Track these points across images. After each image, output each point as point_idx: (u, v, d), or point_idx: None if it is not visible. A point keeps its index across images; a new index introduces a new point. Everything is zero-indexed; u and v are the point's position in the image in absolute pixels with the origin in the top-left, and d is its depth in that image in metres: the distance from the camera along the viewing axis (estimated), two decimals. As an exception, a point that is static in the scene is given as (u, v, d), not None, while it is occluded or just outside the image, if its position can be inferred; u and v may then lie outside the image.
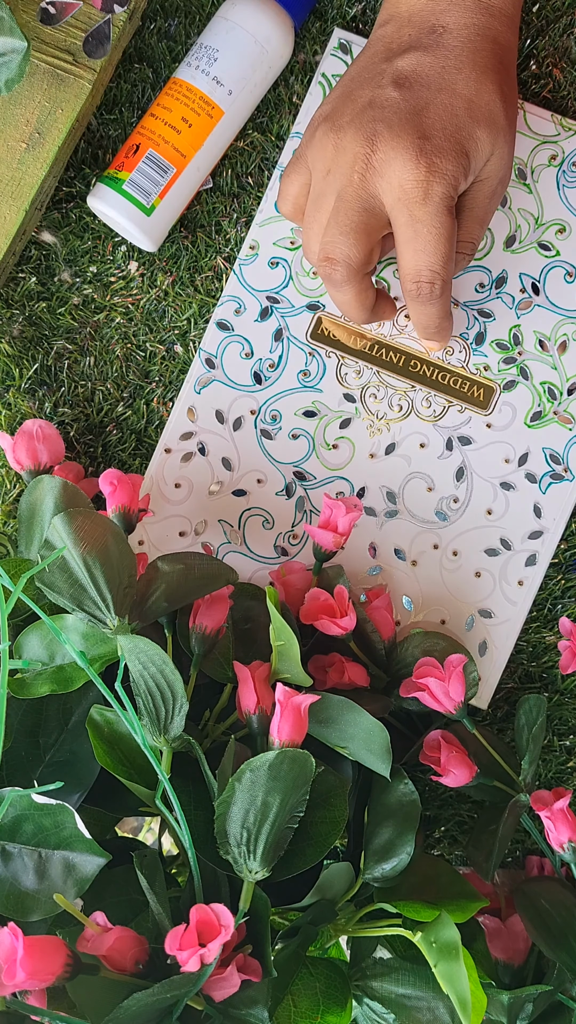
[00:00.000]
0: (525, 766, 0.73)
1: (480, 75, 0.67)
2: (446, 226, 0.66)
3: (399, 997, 0.69)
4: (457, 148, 0.66)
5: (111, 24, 0.73)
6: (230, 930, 0.59)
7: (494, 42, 0.68)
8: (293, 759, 0.62)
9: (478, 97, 0.67)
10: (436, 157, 0.65)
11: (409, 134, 0.65)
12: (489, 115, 0.67)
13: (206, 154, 0.76)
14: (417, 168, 0.65)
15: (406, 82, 0.67)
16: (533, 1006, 0.69)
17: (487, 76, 0.67)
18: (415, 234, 0.67)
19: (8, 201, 0.73)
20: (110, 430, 0.80)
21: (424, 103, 0.66)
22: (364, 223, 0.67)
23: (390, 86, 0.67)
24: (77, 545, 0.64)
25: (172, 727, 0.64)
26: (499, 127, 0.67)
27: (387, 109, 0.66)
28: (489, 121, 0.67)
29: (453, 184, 0.66)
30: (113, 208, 0.75)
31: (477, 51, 0.68)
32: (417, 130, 0.65)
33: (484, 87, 0.67)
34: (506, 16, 0.69)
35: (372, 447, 0.79)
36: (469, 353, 0.79)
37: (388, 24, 0.70)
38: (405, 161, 0.65)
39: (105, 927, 0.61)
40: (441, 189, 0.65)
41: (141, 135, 0.75)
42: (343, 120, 0.67)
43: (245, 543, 0.79)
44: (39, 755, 0.69)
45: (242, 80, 0.75)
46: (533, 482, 0.79)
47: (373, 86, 0.68)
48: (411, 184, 0.65)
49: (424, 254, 0.67)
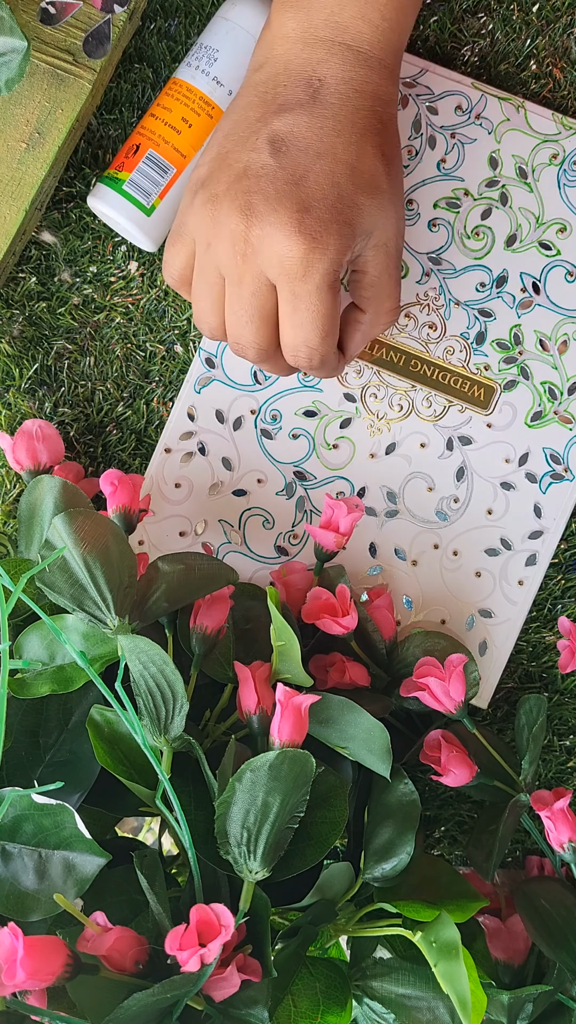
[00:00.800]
0: (525, 766, 0.73)
1: (360, 138, 0.64)
2: (326, 303, 0.64)
3: (399, 997, 0.69)
4: (339, 219, 0.63)
5: (111, 24, 0.73)
6: (230, 930, 0.59)
7: (374, 98, 0.65)
8: (293, 759, 0.62)
9: (359, 162, 0.64)
10: (317, 231, 0.62)
11: (287, 208, 0.62)
12: (371, 180, 0.64)
13: (206, 154, 0.76)
14: (297, 244, 0.62)
15: (283, 146, 0.63)
16: (533, 1006, 0.69)
17: (367, 139, 0.64)
18: (294, 310, 0.64)
19: (8, 201, 0.73)
20: (110, 430, 0.80)
21: (303, 171, 0.63)
22: (259, 307, 0.65)
23: (266, 150, 0.63)
24: (77, 545, 0.64)
25: (172, 727, 0.64)
26: (382, 191, 0.65)
27: (263, 179, 0.63)
28: (372, 187, 0.64)
29: (336, 259, 0.63)
30: (113, 208, 0.75)
31: (356, 110, 0.64)
32: (296, 202, 0.62)
33: (365, 150, 0.64)
34: (385, 68, 0.66)
35: (372, 447, 0.79)
36: (470, 353, 0.79)
37: (262, 69, 0.67)
38: (284, 237, 0.62)
39: (105, 927, 0.61)
40: (323, 265, 0.63)
41: (141, 135, 0.75)
42: (219, 188, 0.64)
43: (245, 543, 0.79)
44: (39, 755, 0.69)
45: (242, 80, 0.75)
46: (533, 482, 0.79)
47: (248, 148, 0.64)
48: (291, 261, 0.62)
49: (301, 330, 0.65)
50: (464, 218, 0.79)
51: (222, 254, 0.64)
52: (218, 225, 0.64)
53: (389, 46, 0.66)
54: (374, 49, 0.65)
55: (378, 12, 0.65)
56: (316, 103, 0.64)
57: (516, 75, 0.79)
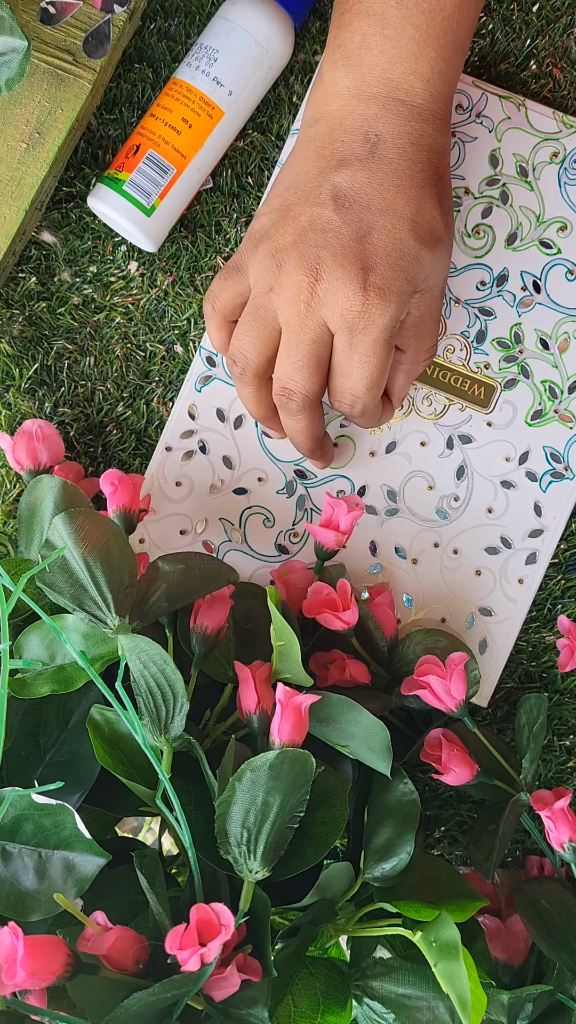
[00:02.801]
0: (526, 765, 0.73)
1: (419, 191, 0.66)
2: (379, 356, 0.66)
3: (399, 997, 0.69)
4: (401, 277, 0.65)
5: (111, 24, 0.73)
6: (230, 930, 0.59)
7: (429, 150, 0.67)
8: (294, 759, 0.62)
9: (419, 216, 0.66)
10: (380, 288, 0.65)
11: (352, 264, 0.65)
12: (431, 233, 0.66)
13: (206, 154, 0.76)
14: (361, 300, 0.65)
15: (345, 201, 0.66)
16: (533, 1006, 0.69)
17: (425, 191, 0.66)
18: (347, 359, 0.67)
19: (8, 201, 0.73)
20: (110, 430, 0.80)
21: (366, 228, 0.65)
22: (315, 355, 0.67)
23: (329, 205, 0.66)
24: (78, 545, 0.64)
25: (173, 727, 0.64)
26: (441, 242, 0.67)
27: (329, 234, 0.65)
28: (432, 240, 0.66)
29: (396, 316, 0.66)
30: (113, 209, 0.74)
31: (414, 163, 0.66)
32: (360, 260, 0.65)
33: (424, 203, 0.66)
34: (438, 119, 0.68)
35: (372, 445, 0.79)
36: (470, 351, 0.79)
37: (318, 124, 0.68)
38: (349, 293, 0.65)
39: (105, 927, 0.61)
40: (383, 321, 0.65)
41: (141, 135, 0.75)
42: (285, 241, 0.66)
43: (246, 541, 0.79)
44: (39, 755, 0.69)
45: (242, 80, 0.75)
46: (533, 480, 0.79)
47: (311, 203, 0.66)
48: (353, 315, 0.65)
49: (349, 378, 0.68)
50: (465, 216, 0.78)
51: (284, 301, 0.66)
52: (283, 276, 0.66)
53: (440, 97, 0.68)
54: (427, 102, 0.67)
55: (428, 66, 0.67)
56: (374, 158, 0.66)
57: (516, 75, 0.79)
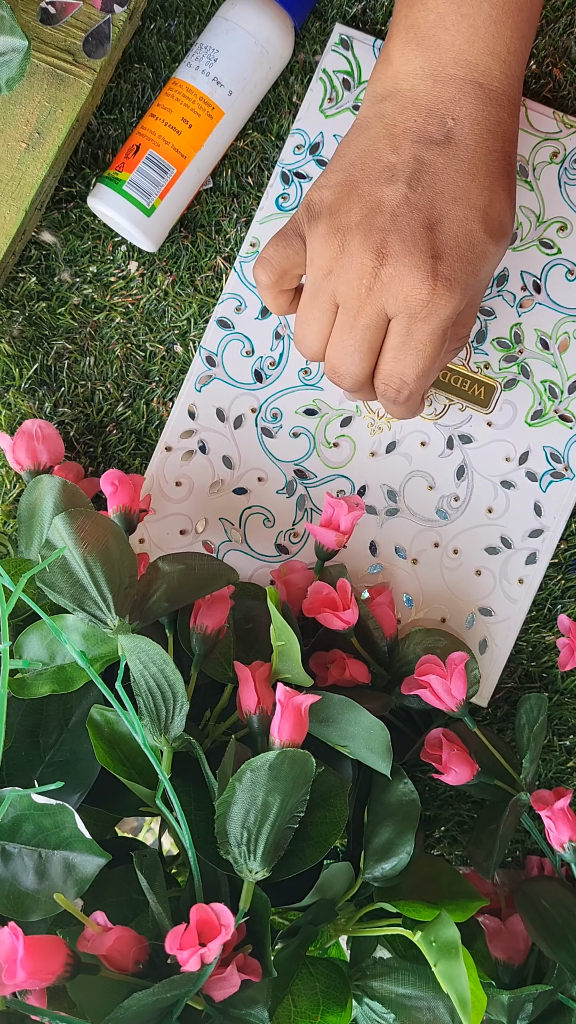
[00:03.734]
0: (526, 764, 0.73)
1: (493, 182, 0.65)
2: (435, 346, 0.65)
3: (399, 997, 0.69)
4: (468, 269, 0.64)
5: (111, 24, 0.73)
6: (230, 930, 0.60)
7: (504, 139, 0.66)
8: (294, 759, 0.62)
9: (491, 208, 0.64)
10: (447, 280, 0.63)
11: (421, 251, 0.63)
12: (500, 226, 0.65)
13: (206, 154, 0.76)
14: (425, 290, 0.63)
15: (418, 186, 0.63)
16: (533, 1006, 0.69)
17: (499, 182, 0.65)
18: (403, 344, 0.65)
19: (8, 201, 0.73)
20: (110, 430, 0.80)
21: (438, 216, 0.63)
22: (369, 341, 0.66)
23: (401, 188, 0.63)
24: (78, 545, 0.64)
25: (173, 727, 0.64)
26: (507, 236, 0.66)
27: (399, 219, 0.63)
28: (500, 232, 0.65)
29: (458, 307, 0.64)
30: (113, 209, 0.74)
31: (490, 152, 0.65)
32: (430, 248, 0.63)
33: (497, 195, 0.65)
34: (512, 103, 0.66)
35: (373, 445, 0.79)
36: (470, 351, 0.79)
37: (387, 101, 0.66)
38: (416, 281, 0.63)
39: (105, 927, 0.61)
40: (445, 312, 0.64)
41: (141, 135, 0.75)
42: (350, 220, 0.64)
43: (246, 541, 0.79)
44: (39, 755, 0.69)
45: (242, 80, 0.75)
46: (534, 480, 0.79)
47: (381, 182, 0.64)
48: (417, 303, 0.63)
49: (401, 364, 0.66)
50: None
51: (344, 284, 0.65)
52: (346, 257, 0.64)
53: (515, 79, 0.66)
54: (503, 85, 0.65)
55: (505, 45, 0.65)
56: (451, 143, 0.64)
57: None
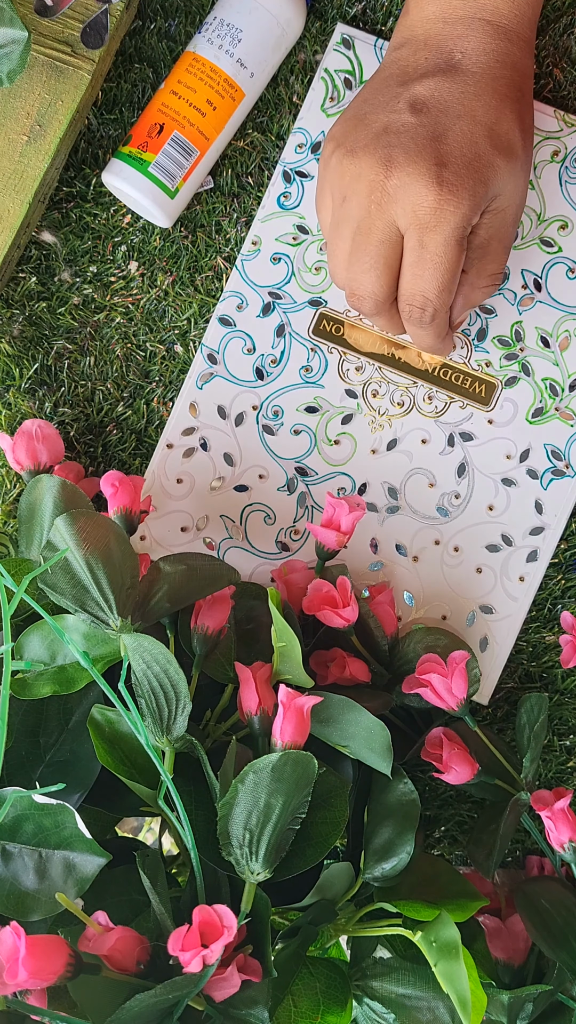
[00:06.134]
0: (526, 764, 0.73)
1: (500, 102, 0.66)
2: (451, 257, 0.65)
3: (399, 997, 0.70)
4: (475, 177, 0.64)
5: (108, 14, 0.73)
6: (233, 931, 0.60)
7: (513, 69, 0.67)
8: (296, 761, 0.62)
9: (498, 125, 0.66)
10: (453, 184, 0.64)
11: (426, 160, 0.64)
12: (508, 144, 0.66)
13: (225, 136, 0.76)
14: (433, 194, 0.64)
15: (423, 107, 0.65)
16: (533, 1006, 0.69)
17: (506, 104, 0.66)
18: (419, 258, 0.66)
19: (11, 194, 0.73)
20: (110, 430, 0.80)
21: (443, 129, 0.65)
22: (384, 256, 0.66)
23: (406, 111, 0.65)
24: (80, 546, 0.64)
25: (175, 727, 0.64)
26: (517, 156, 0.66)
27: (404, 134, 0.65)
28: (508, 150, 0.66)
29: (468, 214, 0.65)
30: (138, 190, 0.74)
31: (496, 78, 0.66)
32: (435, 156, 0.64)
33: (504, 115, 0.66)
34: (523, 40, 0.68)
35: (374, 443, 0.79)
36: (471, 349, 0.79)
37: (403, 47, 0.69)
38: (421, 187, 0.64)
39: (107, 927, 0.61)
40: (455, 219, 0.64)
41: (164, 114, 0.74)
42: (357, 145, 0.66)
43: (247, 538, 0.79)
44: (40, 755, 0.69)
45: (263, 63, 0.75)
46: (534, 478, 0.79)
47: (388, 110, 0.66)
48: (424, 211, 0.64)
49: (422, 280, 0.66)
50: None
51: (356, 205, 0.66)
52: (355, 177, 0.66)
53: (525, 19, 0.68)
54: (512, 23, 0.67)
55: None
56: (457, 71, 0.66)
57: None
